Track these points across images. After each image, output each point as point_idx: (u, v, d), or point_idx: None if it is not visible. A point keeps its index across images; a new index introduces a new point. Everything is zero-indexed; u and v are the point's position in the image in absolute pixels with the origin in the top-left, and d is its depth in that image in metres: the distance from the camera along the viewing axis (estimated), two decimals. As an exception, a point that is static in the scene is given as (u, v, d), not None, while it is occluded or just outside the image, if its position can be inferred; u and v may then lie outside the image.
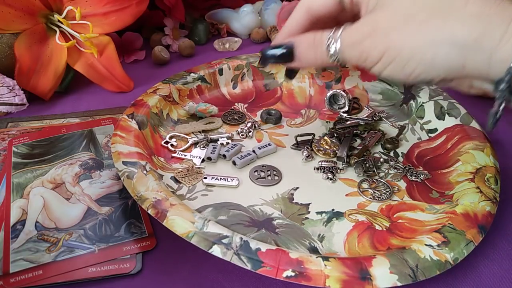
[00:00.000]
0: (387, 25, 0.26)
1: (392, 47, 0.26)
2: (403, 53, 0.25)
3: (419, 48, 0.25)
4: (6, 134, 0.38)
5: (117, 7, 0.44)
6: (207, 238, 0.24)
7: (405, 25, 0.25)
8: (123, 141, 0.32)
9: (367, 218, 0.29)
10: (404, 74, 0.26)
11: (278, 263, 0.23)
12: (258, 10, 0.60)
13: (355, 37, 0.27)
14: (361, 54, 0.27)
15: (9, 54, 0.41)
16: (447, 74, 0.26)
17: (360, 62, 0.27)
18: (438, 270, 0.24)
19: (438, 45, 0.25)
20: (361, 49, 0.27)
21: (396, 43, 0.25)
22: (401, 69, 0.26)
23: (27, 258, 0.26)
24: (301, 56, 0.31)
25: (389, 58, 0.26)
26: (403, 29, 0.25)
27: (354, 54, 0.27)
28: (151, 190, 0.27)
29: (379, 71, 0.27)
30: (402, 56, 0.25)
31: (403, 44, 0.25)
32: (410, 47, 0.25)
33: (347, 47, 0.28)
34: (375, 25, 0.26)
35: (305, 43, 0.31)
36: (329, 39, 0.29)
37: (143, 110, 0.36)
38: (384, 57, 0.26)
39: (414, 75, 0.26)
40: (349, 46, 0.28)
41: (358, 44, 0.27)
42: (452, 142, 0.35)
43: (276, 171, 0.33)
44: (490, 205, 0.28)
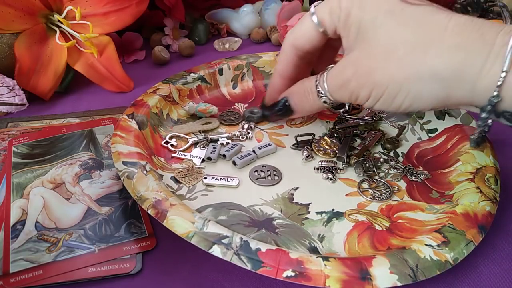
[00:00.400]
0: (368, 65, 0.27)
1: (378, 86, 0.26)
2: (389, 89, 0.26)
3: (402, 84, 0.26)
4: (6, 134, 0.38)
5: (117, 7, 0.44)
6: (207, 238, 0.24)
7: (386, 62, 0.26)
8: (123, 141, 0.32)
9: (367, 218, 0.29)
10: (394, 107, 0.27)
11: (278, 263, 0.23)
12: (258, 10, 0.60)
13: (340, 81, 0.28)
14: (350, 95, 0.28)
15: (9, 54, 0.41)
16: (434, 105, 0.26)
17: (352, 101, 0.28)
18: (438, 270, 0.24)
19: (420, 80, 0.25)
20: (349, 90, 0.28)
21: (381, 82, 0.26)
22: (391, 103, 0.27)
23: (27, 258, 0.26)
24: (297, 107, 0.33)
25: (377, 95, 0.27)
26: (384, 67, 0.26)
27: (344, 96, 0.29)
28: (151, 190, 0.27)
29: (371, 106, 0.28)
30: (388, 92, 0.26)
31: (388, 82, 0.26)
32: (395, 84, 0.26)
33: (336, 91, 0.29)
34: (357, 66, 0.27)
35: (296, 95, 0.32)
36: (317, 86, 0.30)
37: (143, 110, 0.36)
38: (372, 95, 0.27)
39: (404, 107, 0.27)
40: (337, 90, 0.29)
41: (345, 87, 0.28)
42: (452, 142, 0.36)
43: (276, 171, 0.33)
44: (490, 205, 0.28)
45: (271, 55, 0.46)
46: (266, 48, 0.57)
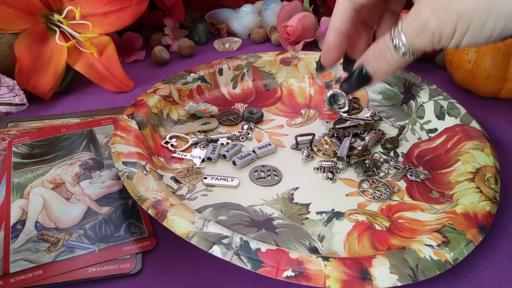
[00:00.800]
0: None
1: (463, 15, 0.24)
2: (477, 15, 0.23)
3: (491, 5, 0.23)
4: (6, 134, 0.38)
5: (117, 7, 0.44)
6: (207, 238, 0.24)
7: None
8: (123, 141, 0.32)
9: (367, 218, 0.29)
10: (484, 37, 0.24)
11: (278, 263, 0.23)
12: (258, 10, 0.60)
13: (418, 24, 0.26)
14: (433, 36, 0.25)
15: (9, 54, 0.41)
16: None
17: (435, 45, 0.26)
18: (438, 270, 0.24)
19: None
20: (431, 31, 0.25)
21: (465, 9, 0.23)
22: (480, 32, 0.24)
23: (27, 258, 0.26)
24: (376, 71, 0.30)
25: (464, 27, 0.24)
26: None
27: (426, 40, 0.26)
28: (151, 190, 0.27)
29: (457, 44, 0.25)
30: (476, 19, 0.24)
31: (473, 8, 0.23)
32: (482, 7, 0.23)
33: (415, 38, 0.26)
34: (433, 2, 0.25)
35: (372, 57, 0.30)
36: (392, 40, 0.28)
37: (143, 110, 0.36)
38: (458, 28, 0.24)
39: (496, 33, 0.24)
40: (417, 36, 0.26)
41: (425, 29, 0.25)
42: (452, 142, 0.35)
43: (276, 171, 0.33)
44: (490, 205, 0.28)
45: (271, 55, 0.46)
46: (266, 48, 0.57)
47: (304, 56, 0.46)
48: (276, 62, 0.45)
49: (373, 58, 0.30)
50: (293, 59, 0.45)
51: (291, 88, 0.44)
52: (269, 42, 0.59)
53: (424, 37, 0.26)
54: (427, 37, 0.26)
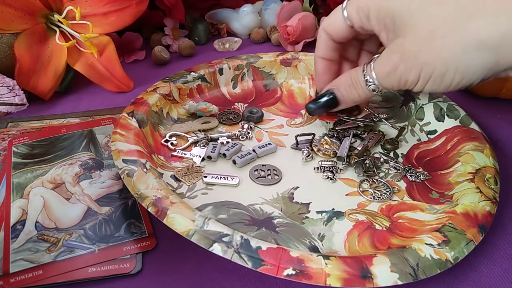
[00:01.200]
0: (413, 49, 0.27)
1: (426, 66, 0.27)
2: (438, 68, 0.26)
3: (451, 60, 0.26)
4: (6, 134, 0.38)
5: (117, 7, 0.44)
6: (207, 236, 0.24)
7: (431, 42, 0.26)
8: (123, 139, 0.32)
9: (367, 217, 0.29)
10: (444, 86, 0.27)
11: (279, 261, 0.23)
12: (258, 10, 0.60)
13: (389, 68, 0.29)
14: (399, 80, 0.28)
15: (9, 54, 0.41)
16: (484, 74, 0.26)
17: (402, 87, 0.29)
18: (438, 269, 0.24)
19: (467, 52, 0.25)
20: (398, 75, 0.28)
21: (428, 62, 0.26)
22: (440, 82, 0.27)
23: (27, 258, 0.26)
24: (344, 98, 0.33)
25: (426, 76, 0.27)
26: (429, 47, 0.26)
27: (393, 82, 0.29)
28: (151, 188, 0.27)
29: (420, 89, 0.28)
30: (437, 71, 0.26)
31: (435, 61, 0.26)
32: (443, 62, 0.26)
33: (385, 79, 0.30)
34: (403, 52, 0.28)
35: (343, 86, 0.33)
36: (364, 76, 0.31)
37: (143, 108, 0.36)
38: (422, 76, 0.27)
39: (454, 84, 0.27)
40: (386, 77, 0.29)
41: (394, 73, 0.28)
42: (451, 143, 0.36)
43: (276, 171, 0.33)
44: (490, 205, 0.28)
45: (271, 55, 0.46)
46: (266, 48, 0.57)
47: (304, 57, 0.46)
48: (276, 62, 0.45)
49: (344, 86, 0.33)
50: (293, 60, 0.45)
51: (291, 88, 0.44)
52: (269, 42, 0.59)
53: (392, 80, 0.29)
54: (395, 80, 0.29)
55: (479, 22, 0.25)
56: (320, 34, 0.35)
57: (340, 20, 0.32)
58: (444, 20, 0.26)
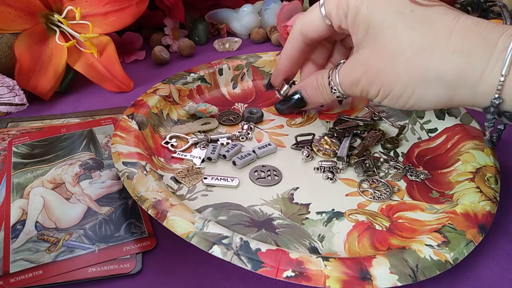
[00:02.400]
0: (377, 66, 0.28)
1: (385, 85, 0.28)
2: (395, 89, 0.28)
3: (407, 85, 0.27)
4: (6, 134, 0.38)
5: (117, 7, 0.44)
6: (207, 239, 0.24)
7: (393, 63, 0.27)
8: (123, 141, 0.32)
9: (367, 218, 0.29)
10: (399, 105, 0.29)
11: (278, 263, 0.23)
12: (258, 10, 0.60)
13: (352, 78, 0.30)
14: (361, 91, 0.30)
15: (9, 54, 0.41)
16: (437, 105, 0.28)
17: (363, 96, 0.30)
18: (438, 270, 0.24)
19: (424, 82, 0.26)
20: (360, 87, 0.30)
21: (388, 81, 0.28)
22: (396, 101, 0.29)
23: (27, 258, 0.26)
24: (310, 99, 0.35)
25: (385, 93, 0.29)
26: (391, 67, 0.27)
27: (356, 92, 0.31)
28: (151, 191, 0.27)
29: (379, 102, 0.30)
30: (394, 91, 0.28)
31: (394, 82, 0.27)
32: (401, 84, 0.27)
33: (348, 88, 0.31)
34: (367, 66, 0.29)
35: (310, 88, 0.35)
36: (329, 83, 0.32)
37: (143, 110, 0.36)
38: (380, 93, 0.29)
39: (409, 106, 0.28)
40: (349, 87, 0.31)
41: (356, 84, 0.30)
42: (452, 141, 0.35)
43: (276, 171, 0.33)
44: (490, 205, 0.28)
45: (271, 55, 0.46)
46: (266, 48, 0.57)
47: (304, 56, 0.46)
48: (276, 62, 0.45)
49: (310, 89, 0.34)
50: (293, 59, 0.45)
51: (291, 88, 0.44)
52: (269, 42, 0.59)
53: (355, 89, 0.31)
54: (357, 90, 0.30)
55: (441, 55, 0.25)
56: (293, 35, 0.34)
57: (317, 18, 0.32)
58: (410, 45, 0.26)
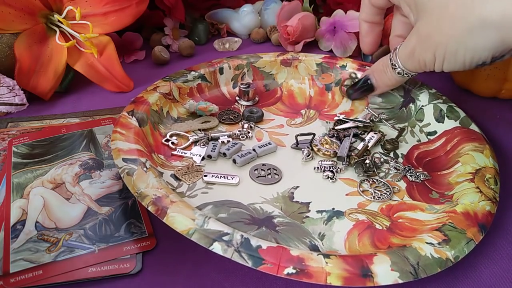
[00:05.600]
0: (427, 30, 0.29)
1: (438, 46, 0.28)
2: (449, 48, 0.28)
3: (458, 39, 0.27)
4: (6, 134, 0.38)
5: (117, 7, 0.44)
6: (207, 235, 0.24)
7: (440, 23, 0.28)
8: (123, 138, 0.32)
9: (367, 217, 0.29)
10: (459, 65, 0.29)
11: (279, 260, 0.23)
12: (258, 10, 0.60)
13: (407, 51, 0.31)
14: (419, 62, 0.30)
15: (9, 54, 0.41)
16: (493, 52, 0.27)
17: (422, 68, 0.31)
18: (439, 267, 0.24)
19: (472, 31, 0.27)
20: (416, 58, 0.30)
21: (440, 41, 0.28)
22: (455, 61, 0.28)
23: (27, 258, 0.26)
24: (378, 83, 0.36)
25: (440, 57, 0.29)
26: (440, 27, 0.28)
27: (414, 64, 0.31)
28: (151, 187, 0.27)
29: (440, 69, 0.30)
30: (449, 51, 0.28)
31: (446, 40, 0.28)
32: (452, 41, 0.28)
33: (406, 61, 0.32)
34: (418, 35, 0.30)
35: (376, 71, 0.36)
36: (391, 60, 0.33)
37: (143, 107, 0.36)
38: (436, 56, 0.29)
39: (468, 62, 0.28)
40: (407, 60, 0.32)
41: (412, 55, 0.31)
42: (451, 144, 0.35)
43: (276, 170, 0.33)
44: (490, 205, 0.28)
45: (272, 55, 0.46)
46: (266, 48, 0.57)
47: (304, 57, 0.46)
48: (277, 63, 0.45)
49: (377, 72, 0.36)
50: (293, 60, 0.45)
51: (291, 89, 0.44)
52: (269, 42, 0.59)
53: (413, 62, 0.31)
54: (416, 62, 0.31)
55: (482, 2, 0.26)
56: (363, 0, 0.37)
57: None
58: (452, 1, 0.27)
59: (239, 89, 0.42)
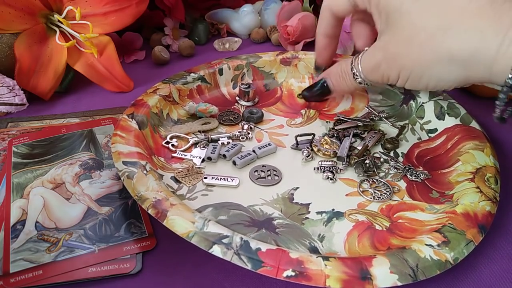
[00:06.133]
0: (394, 51, 0.29)
1: (404, 69, 0.29)
2: (414, 72, 0.28)
3: (425, 67, 0.28)
4: (6, 134, 0.38)
5: (117, 7, 0.44)
6: (207, 238, 0.24)
7: (409, 48, 0.28)
8: (123, 141, 0.32)
9: (367, 218, 0.29)
10: (421, 87, 0.29)
11: (279, 263, 0.23)
12: (258, 10, 0.60)
13: (372, 64, 0.31)
14: (382, 76, 0.31)
15: (9, 54, 0.41)
16: (456, 84, 0.28)
17: (385, 82, 0.31)
18: (438, 269, 0.24)
19: (439, 63, 0.27)
20: (381, 73, 0.30)
21: (406, 65, 0.28)
22: (418, 83, 0.29)
23: (27, 258, 0.26)
24: (335, 88, 0.36)
25: (405, 77, 0.29)
26: (408, 52, 0.28)
27: (377, 78, 0.31)
28: (151, 190, 0.27)
29: (402, 86, 0.30)
30: (414, 74, 0.28)
31: (412, 65, 0.28)
32: (418, 67, 0.28)
33: (369, 74, 0.32)
34: (385, 51, 0.30)
35: (334, 76, 0.35)
36: (352, 68, 0.33)
37: (143, 110, 0.36)
38: (401, 76, 0.29)
39: (431, 87, 0.29)
40: (371, 73, 0.31)
41: (377, 70, 0.31)
42: (452, 142, 0.35)
43: (276, 171, 0.33)
44: (490, 205, 0.28)
45: (271, 55, 0.46)
46: (266, 48, 0.57)
47: (304, 56, 0.46)
48: (276, 62, 0.45)
49: (335, 76, 0.35)
50: (293, 59, 0.45)
51: (291, 88, 0.44)
52: (269, 42, 0.59)
53: (375, 75, 0.31)
54: (378, 76, 0.31)
55: (453, 36, 0.26)
56: (323, 12, 0.36)
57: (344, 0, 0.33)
58: (424, 28, 0.27)
59: (239, 89, 0.42)
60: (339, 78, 0.34)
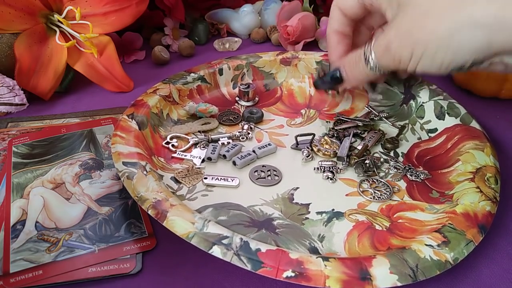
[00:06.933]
0: (407, 26, 0.27)
1: (418, 43, 0.27)
2: (429, 46, 0.26)
3: (442, 37, 0.26)
4: (6, 134, 0.38)
5: (117, 7, 0.44)
6: (207, 239, 0.24)
7: (424, 19, 0.26)
8: (123, 141, 0.32)
9: (367, 218, 0.29)
10: (435, 66, 0.27)
11: (278, 263, 0.23)
12: (258, 10, 0.60)
13: (384, 45, 0.29)
14: (394, 58, 0.29)
15: (9, 54, 0.41)
16: (476, 56, 0.26)
17: (396, 66, 0.29)
18: (438, 270, 0.24)
19: (459, 30, 0.25)
20: (392, 53, 0.28)
21: (420, 39, 0.27)
22: (431, 61, 0.27)
23: (27, 258, 0.26)
24: (348, 76, 0.34)
25: (418, 55, 0.27)
26: (423, 24, 0.26)
27: (388, 60, 0.29)
28: (151, 191, 0.27)
29: (413, 69, 0.28)
30: (428, 49, 0.26)
31: (427, 38, 0.26)
32: (435, 39, 0.26)
33: (381, 56, 0.30)
34: (398, 29, 0.28)
35: (348, 63, 0.34)
36: (364, 53, 0.31)
37: (143, 110, 0.36)
38: (414, 54, 0.27)
39: (445, 65, 0.27)
40: (382, 55, 0.30)
41: (388, 50, 0.29)
42: (452, 142, 0.35)
43: (276, 171, 0.33)
44: (490, 205, 0.28)
45: (271, 54, 0.46)
46: (266, 48, 0.57)
47: (304, 56, 0.46)
48: (276, 62, 0.45)
49: (348, 64, 0.34)
50: (293, 59, 0.45)
51: (291, 88, 0.44)
52: (269, 42, 0.59)
53: (387, 57, 0.29)
54: (390, 58, 0.29)
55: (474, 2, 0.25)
56: (333, 10, 0.36)
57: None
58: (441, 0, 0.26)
59: (239, 89, 0.42)
60: (352, 65, 0.33)
